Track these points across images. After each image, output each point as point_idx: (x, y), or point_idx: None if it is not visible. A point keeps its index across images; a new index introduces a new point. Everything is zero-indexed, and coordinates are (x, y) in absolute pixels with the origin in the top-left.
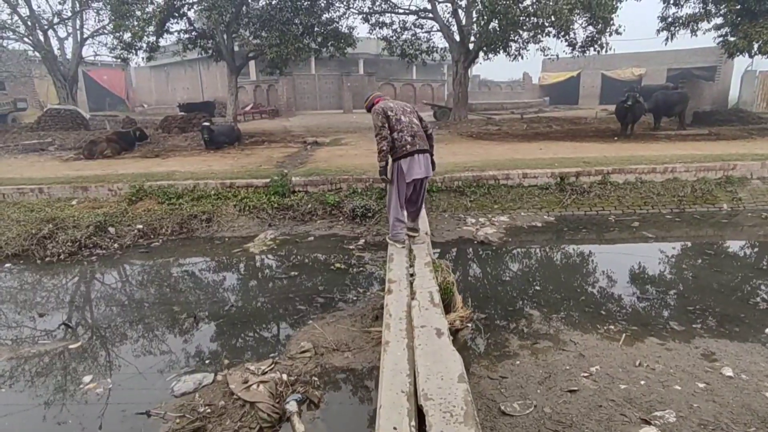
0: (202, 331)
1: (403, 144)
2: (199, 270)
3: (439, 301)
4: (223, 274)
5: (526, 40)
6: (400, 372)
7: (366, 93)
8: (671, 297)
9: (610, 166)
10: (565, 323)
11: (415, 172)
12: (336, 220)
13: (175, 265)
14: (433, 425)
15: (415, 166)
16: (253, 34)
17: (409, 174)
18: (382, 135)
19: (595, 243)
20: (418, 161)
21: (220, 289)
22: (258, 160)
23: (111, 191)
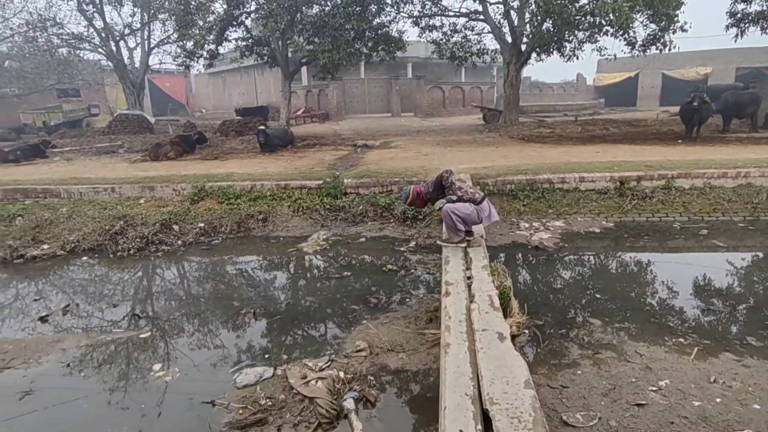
0: (261, 326)
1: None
2: (256, 267)
3: (498, 305)
4: (278, 272)
5: (582, 40)
6: (463, 375)
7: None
8: (746, 311)
9: (675, 170)
10: (629, 334)
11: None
12: (387, 222)
13: (234, 263)
14: (501, 430)
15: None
16: (307, 40)
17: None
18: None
19: (659, 251)
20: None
21: (276, 287)
22: (310, 162)
23: (175, 191)
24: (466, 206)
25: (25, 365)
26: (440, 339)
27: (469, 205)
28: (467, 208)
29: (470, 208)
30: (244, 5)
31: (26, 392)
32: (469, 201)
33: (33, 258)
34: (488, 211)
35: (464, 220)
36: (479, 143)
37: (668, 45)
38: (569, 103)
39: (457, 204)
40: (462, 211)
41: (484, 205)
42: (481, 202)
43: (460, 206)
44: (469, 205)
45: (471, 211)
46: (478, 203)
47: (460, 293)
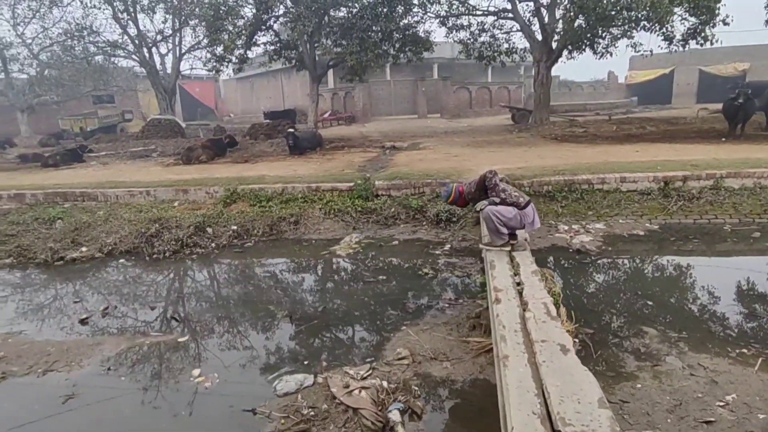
0: (298, 331)
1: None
2: (290, 271)
3: (555, 314)
4: (312, 275)
5: (617, 36)
6: (527, 391)
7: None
8: None
9: (724, 169)
10: (688, 344)
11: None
12: (419, 224)
13: (268, 266)
14: None
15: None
16: (335, 42)
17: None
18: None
19: (710, 255)
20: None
21: (310, 290)
22: (339, 164)
23: (208, 194)
24: (509, 210)
25: (67, 368)
26: (490, 348)
27: (512, 209)
28: (510, 212)
29: (513, 212)
30: (273, 10)
31: (69, 396)
32: (512, 205)
33: (72, 260)
34: (532, 217)
35: (505, 224)
36: (511, 143)
37: (710, 39)
38: (600, 102)
39: (499, 207)
40: (504, 215)
41: (528, 210)
42: (525, 206)
43: (503, 209)
44: (512, 209)
45: (513, 216)
46: (521, 208)
47: (511, 300)
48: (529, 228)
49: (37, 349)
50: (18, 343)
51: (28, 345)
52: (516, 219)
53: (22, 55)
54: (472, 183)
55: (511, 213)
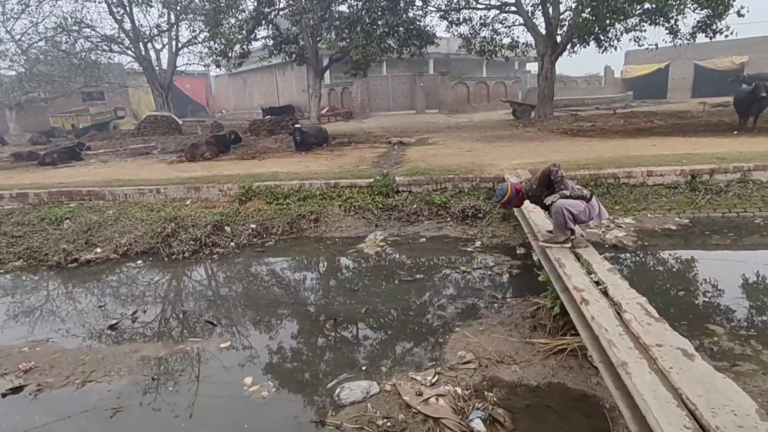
0: (346, 334)
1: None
2: (319, 270)
3: (657, 315)
4: (344, 274)
5: (628, 29)
6: (666, 402)
7: (438, 92)
8: None
9: (752, 162)
10: (760, 341)
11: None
12: (444, 220)
13: (294, 265)
14: None
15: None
16: (339, 36)
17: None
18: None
19: (750, 249)
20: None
21: (347, 290)
22: (351, 160)
23: (221, 192)
24: (579, 203)
25: (107, 378)
26: (558, 350)
27: (581, 202)
28: (579, 205)
29: (582, 205)
30: (275, 2)
31: (116, 409)
32: (579, 198)
33: (87, 262)
34: (598, 209)
35: (575, 218)
36: (521, 138)
37: (722, 32)
38: (598, 97)
39: (570, 200)
40: (576, 208)
41: (594, 202)
42: (590, 199)
43: (573, 203)
44: (581, 202)
45: (583, 208)
46: (588, 200)
47: (599, 301)
48: (596, 220)
49: (70, 358)
50: (47, 352)
51: (59, 354)
52: (585, 212)
53: (11, 51)
54: (532, 179)
55: (581, 206)
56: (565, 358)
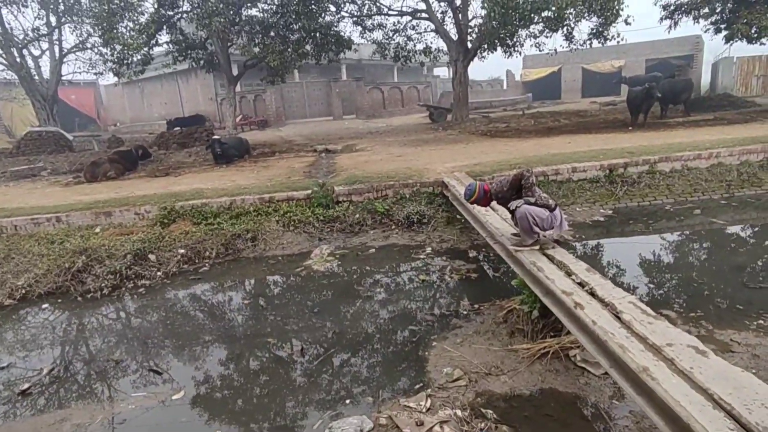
0: (316, 364)
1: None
2: (269, 293)
3: (653, 312)
4: (298, 295)
5: (535, 35)
6: (703, 405)
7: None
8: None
9: (656, 155)
10: (710, 321)
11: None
12: (389, 229)
13: (238, 290)
14: None
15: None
16: (253, 41)
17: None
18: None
19: (666, 232)
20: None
21: (307, 313)
22: (280, 171)
23: (138, 215)
24: (543, 211)
25: None
26: (541, 354)
27: (545, 211)
28: (543, 212)
29: (545, 213)
30: (178, 5)
31: None
32: (543, 206)
33: None
34: (560, 220)
35: (538, 225)
36: (446, 141)
37: (613, 38)
38: (502, 99)
39: (534, 207)
40: (538, 216)
41: (557, 213)
42: (554, 209)
43: (537, 210)
44: (545, 211)
45: (546, 217)
46: (552, 210)
47: (591, 303)
48: (557, 230)
49: None
50: None
51: None
52: (547, 220)
53: None
54: (504, 181)
55: (544, 214)
56: (550, 362)
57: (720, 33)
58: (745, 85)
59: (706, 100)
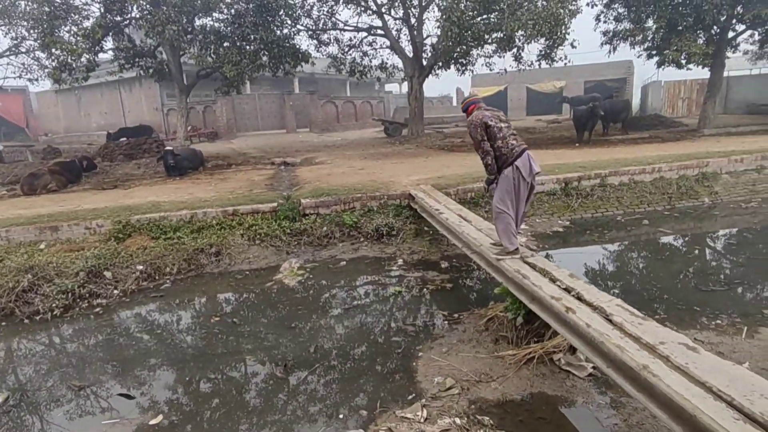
0: (302, 381)
1: (511, 148)
2: (241, 309)
3: (640, 314)
4: (272, 310)
5: (486, 54)
6: (705, 398)
7: (308, 111)
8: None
9: (606, 169)
10: (673, 323)
11: (534, 166)
12: (357, 241)
13: (205, 307)
14: None
15: (530, 162)
16: (207, 51)
17: (528, 170)
18: (484, 150)
19: (620, 241)
20: (530, 157)
21: (284, 328)
22: (240, 184)
23: (89, 229)
24: (504, 192)
25: None
26: (527, 360)
27: (509, 176)
28: (508, 182)
29: (509, 179)
30: (127, 11)
31: None
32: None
33: None
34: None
35: (509, 203)
36: (405, 155)
37: (561, 59)
38: (453, 115)
39: (497, 192)
40: (503, 198)
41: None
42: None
43: (503, 186)
44: (509, 177)
45: (510, 188)
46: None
47: (581, 307)
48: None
49: None
50: None
51: None
52: (511, 193)
53: None
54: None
55: (509, 184)
56: (536, 366)
57: (652, 58)
58: (672, 107)
59: (640, 120)
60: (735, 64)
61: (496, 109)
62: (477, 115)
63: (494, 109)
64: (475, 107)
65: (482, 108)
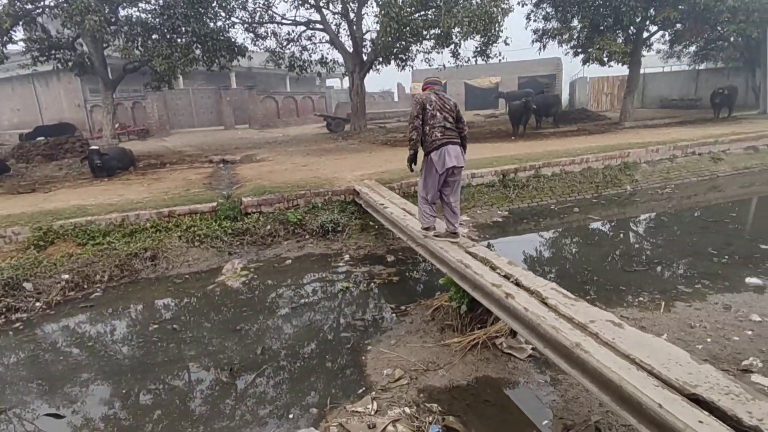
0: (250, 384)
1: (433, 139)
2: (180, 314)
3: (572, 295)
4: (215, 314)
5: (425, 50)
6: (629, 369)
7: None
8: (657, 265)
9: (540, 160)
10: (602, 302)
11: (447, 162)
12: (303, 239)
13: (142, 315)
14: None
15: (445, 157)
16: (133, 43)
17: (441, 164)
18: (414, 125)
19: (554, 228)
20: (448, 152)
21: (229, 332)
22: (176, 183)
23: (3, 237)
24: (425, 179)
25: None
26: (471, 345)
27: (432, 167)
28: (431, 173)
29: (433, 172)
30: None
31: None
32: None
33: None
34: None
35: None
36: (348, 150)
37: (495, 56)
38: (395, 110)
39: (424, 171)
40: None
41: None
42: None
43: (426, 174)
44: (432, 168)
45: (430, 183)
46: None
47: (520, 292)
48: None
49: None
50: None
51: None
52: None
53: None
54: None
55: (427, 171)
56: (480, 351)
57: (578, 56)
58: (597, 102)
59: (569, 114)
60: (650, 62)
61: (450, 99)
62: (423, 95)
63: (446, 98)
64: (429, 87)
65: (434, 91)
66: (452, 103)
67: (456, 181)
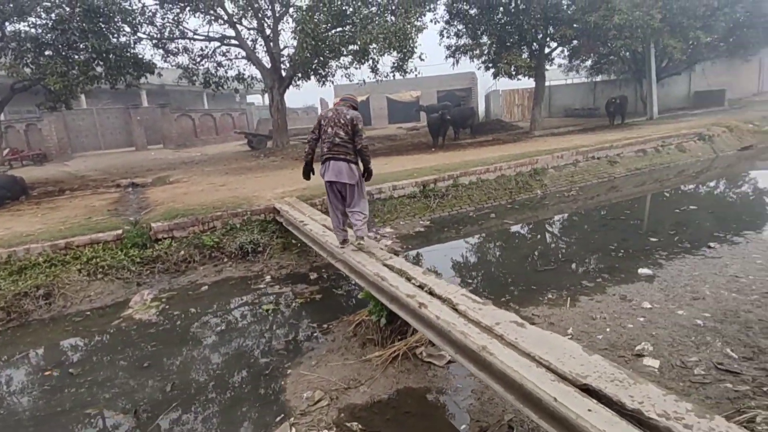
0: (156, 424)
1: (322, 153)
2: (80, 357)
3: (480, 299)
4: (120, 352)
5: (344, 66)
6: (530, 367)
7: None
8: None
9: (457, 170)
10: (516, 302)
11: (327, 176)
12: (221, 262)
13: (33, 362)
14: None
15: (326, 171)
16: (24, 61)
17: (324, 175)
18: (308, 138)
19: (473, 235)
20: (328, 167)
21: (135, 370)
22: (76, 212)
23: None
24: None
25: None
26: (392, 358)
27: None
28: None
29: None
30: None
31: None
32: None
33: None
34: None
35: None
36: (270, 167)
37: (412, 71)
38: None
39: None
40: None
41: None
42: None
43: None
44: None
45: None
46: None
47: (433, 301)
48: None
49: None
50: None
51: None
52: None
53: None
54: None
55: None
56: (401, 363)
57: (489, 70)
58: (509, 113)
59: (485, 125)
60: (554, 75)
61: (347, 114)
62: (324, 111)
63: (344, 113)
64: (337, 104)
65: (337, 107)
66: (348, 117)
67: (347, 194)
